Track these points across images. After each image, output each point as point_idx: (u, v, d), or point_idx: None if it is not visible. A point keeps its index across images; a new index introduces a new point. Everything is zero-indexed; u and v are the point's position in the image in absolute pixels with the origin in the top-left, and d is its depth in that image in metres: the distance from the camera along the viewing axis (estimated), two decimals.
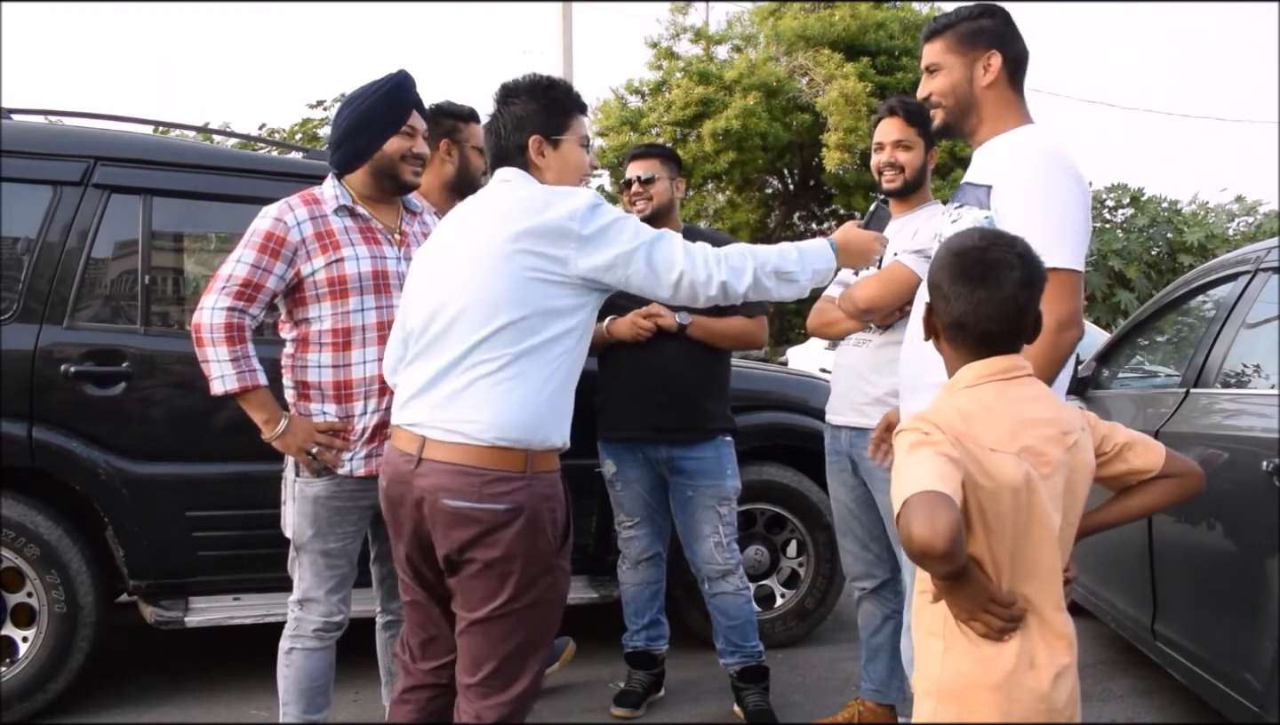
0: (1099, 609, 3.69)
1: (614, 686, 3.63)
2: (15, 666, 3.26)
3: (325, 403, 2.57)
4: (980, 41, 2.27)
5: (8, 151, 3.28)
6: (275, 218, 2.55)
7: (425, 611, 2.26)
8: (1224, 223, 12.46)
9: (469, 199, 2.30)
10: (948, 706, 1.61)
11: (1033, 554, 1.60)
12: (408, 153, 2.63)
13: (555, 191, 2.16)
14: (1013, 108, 2.29)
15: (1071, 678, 1.63)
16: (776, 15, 18.19)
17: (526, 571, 2.06)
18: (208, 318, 2.47)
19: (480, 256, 2.08)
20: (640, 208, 3.33)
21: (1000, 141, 2.28)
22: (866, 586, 3.16)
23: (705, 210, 18.30)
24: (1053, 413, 1.66)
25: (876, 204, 2.50)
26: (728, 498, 3.35)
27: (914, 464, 1.51)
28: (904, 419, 2.27)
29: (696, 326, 3.26)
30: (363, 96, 2.62)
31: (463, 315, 2.07)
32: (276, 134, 8.57)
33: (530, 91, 2.26)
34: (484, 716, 2.11)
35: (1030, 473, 1.58)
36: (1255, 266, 3.09)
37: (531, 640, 2.13)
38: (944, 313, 1.68)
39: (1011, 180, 2.15)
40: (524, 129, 2.23)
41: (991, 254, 1.65)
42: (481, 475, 2.03)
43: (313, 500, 2.58)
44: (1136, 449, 1.76)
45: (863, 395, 3.02)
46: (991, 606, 1.56)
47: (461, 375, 2.07)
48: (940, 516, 1.40)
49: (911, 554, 1.44)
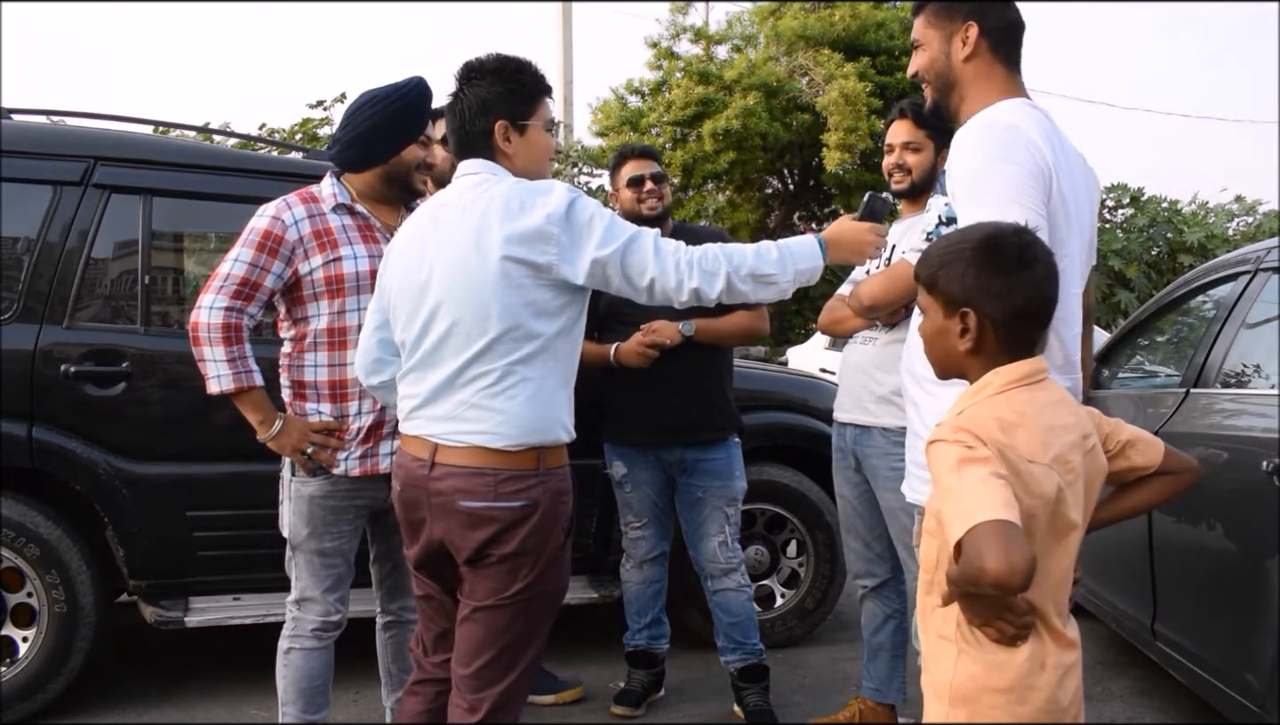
0: (1099, 609, 3.69)
1: (614, 686, 3.62)
2: (15, 666, 3.26)
3: (321, 402, 2.58)
4: (958, 13, 2.10)
5: (8, 151, 3.28)
6: (273, 216, 2.54)
7: (439, 605, 2.26)
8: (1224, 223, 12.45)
9: (439, 197, 2.22)
10: (959, 710, 1.60)
11: (1049, 561, 1.59)
12: (422, 162, 2.64)
13: (529, 189, 2.11)
14: (998, 82, 2.09)
15: (1076, 676, 1.63)
16: (776, 15, 18.16)
17: (538, 564, 2.09)
18: (205, 317, 2.47)
19: (466, 268, 2.06)
20: (652, 206, 3.34)
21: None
22: (868, 584, 3.17)
23: (705, 210, 18.28)
24: (1073, 417, 1.65)
25: (869, 195, 2.39)
26: (735, 498, 3.36)
27: (970, 485, 1.45)
28: (913, 413, 2.25)
29: (702, 332, 3.25)
30: (386, 100, 2.58)
31: (455, 330, 2.07)
32: (276, 134, 8.56)
33: (497, 73, 2.19)
34: (477, 708, 2.11)
35: (1060, 483, 1.57)
36: (1255, 266, 3.09)
37: (530, 630, 2.15)
38: (1000, 310, 1.60)
39: (952, 167, 2.02)
40: (490, 113, 2.17)
41: (1024, 236, 1.64)
42: (496, 475, 2.05)
43: (308, 500, 2.58)
44: (1138, 447, 1.75)
45: (868, 393, 3.02)
46: (1006, 614, 1.54)
47: (462, 389, 2.08)
48: (1017, 552, 1.35)
49: (978, 584, 1.40)
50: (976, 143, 1.97)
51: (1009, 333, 1.62)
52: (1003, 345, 1.63)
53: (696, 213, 17.79)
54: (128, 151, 3.46)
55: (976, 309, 1.62)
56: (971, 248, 1.63)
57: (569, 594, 3.81)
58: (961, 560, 1.40)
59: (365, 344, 2.32)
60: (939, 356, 1.71)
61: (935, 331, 1.68)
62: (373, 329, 2.31)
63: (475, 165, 2.19)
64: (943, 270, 1.65)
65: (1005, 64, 2.10)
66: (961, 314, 1.63)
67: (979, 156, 1.95)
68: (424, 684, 2.32)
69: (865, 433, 3.02)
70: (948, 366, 1.71)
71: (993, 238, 1.63)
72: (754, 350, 11.62)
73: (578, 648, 4.04)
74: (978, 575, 1.37)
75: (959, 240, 1.68)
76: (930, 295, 1.68)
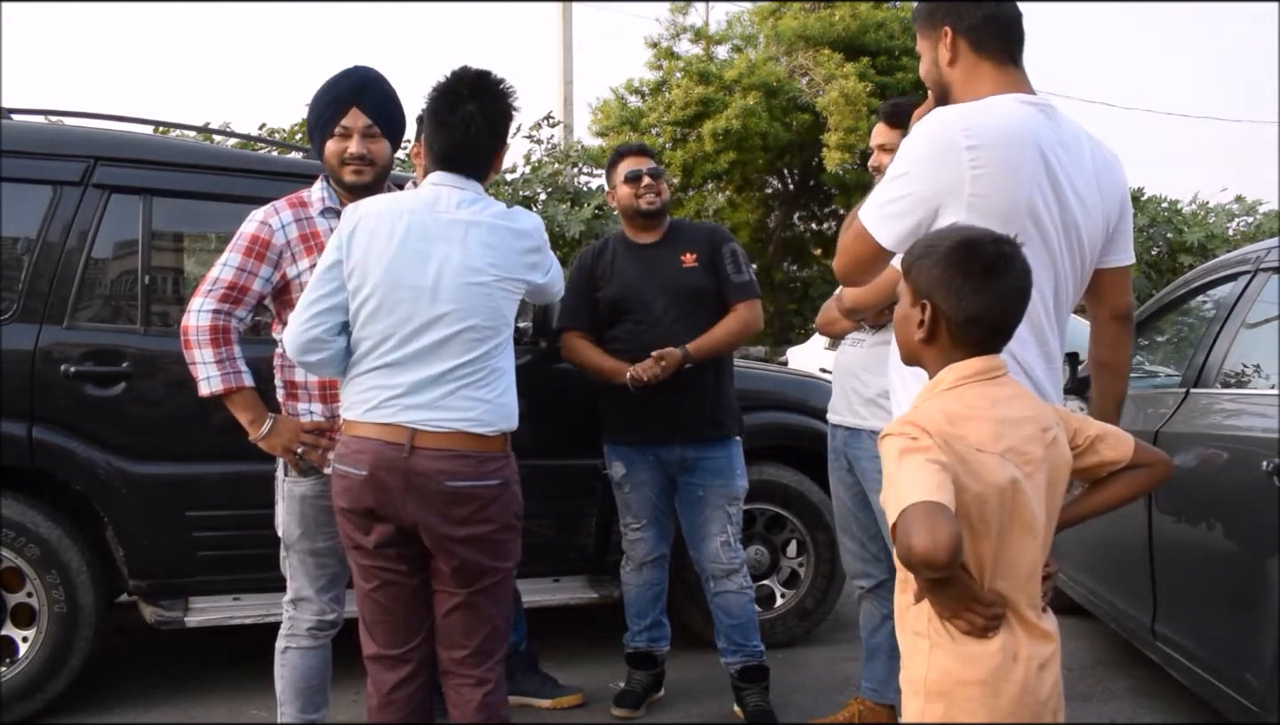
0: (1099, 609, 3.69)
1: (614, 686, 3.62)
2: (15, 666, 3.26)
3: (312, 402, 2.60)
4: (935, 19, 2.08)
5: (8, 151, 3.28)
6: (260, 221, 2.58)
7: (398, 591, 2.31)
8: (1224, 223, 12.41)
9: (434, 202, 2.24)
10: (934, 705, 1.62)
11: (1013, 552, 1.62)
12: (345, 156, 2.60)
13: (514, 214, 2.32)
14: (984, 81, 2.02)
15: (1054, 668, 1.65)
16: (776, 15, 18.18)
17: (510, 536, 2.30)
18: (194, 320, 2.51)
19: (484, 283, 2.22)
20: (650, 201, 3.34)
21: None
22: (865, 585, 3.17)
23: (705, 210, 18.29)
24: (1032, 411, 1.68)
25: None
26: (737, 497, 3.36)
27: (907, 472, 1.51)
28: (898, 412, 2.26)
29: (700, 351, 3.23)
30: (313, 98, 2.65)
31: (463, 335, 2.21)
32: (276, 134, 8.56)
33: (508, 94, 2.30)
34: (487, 679, 2.28)
35: (1016, 474, 1.60)
36: (1255, 266, 3.09)
37: (508, 597, 2.37)
38: (956, 310, 1.65)
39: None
40: (499, 134, 2.31)
41: (1003, 247, 1.66)
42: (478, 456, 2.22)
43: (300, 499, 2.59)
44: (1108, 441, 1.77)
45: (856, 395, 3.05)
46: (974, 605, 1.58)
47: (451, 382, 2.21)
48: (941, 529, 1.41)
49: (910, 564, 1.46)
50: (904, 142, 1.97)
51: (963, 333, 1.67)
52: (955, 343, 1.69)
53: (696, 212, 17.80)
54: (128, 151, 3.46)
55: (935, 304, 1.68)
56: (948, 246, 1.68)
57: (569, 594, 3.87)
58: (895, 543, 1.46)
59: (304, 325, 2.25)
60: (901, 341, 1.79)
61: (901, 317, 1.76)
62: (319, 312, 2.24)
63: (462, 182, 2.28)
64: (918, 261, 1.71)
65: (992, 60, 2.03)
66: (922, 305, 1.69)
67: (904, 146, 1.95)
68: (401, 685, 2.35)
69: (855, 435, 3.04)
70: (907, 353, 1.78)
71: (970, 242, 1.68)
72: (754, 350, 11.64)
73: (578, 648, 4.05)
74: (906, 554, 1.44)
75: (941, 236, 1.73)
76: (905, 280, 1.75)
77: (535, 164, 9.28)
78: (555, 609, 3.86)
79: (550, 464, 3.65)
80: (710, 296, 3.32)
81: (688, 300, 3.30)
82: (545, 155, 9.43)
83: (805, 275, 19.72)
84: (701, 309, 3.30)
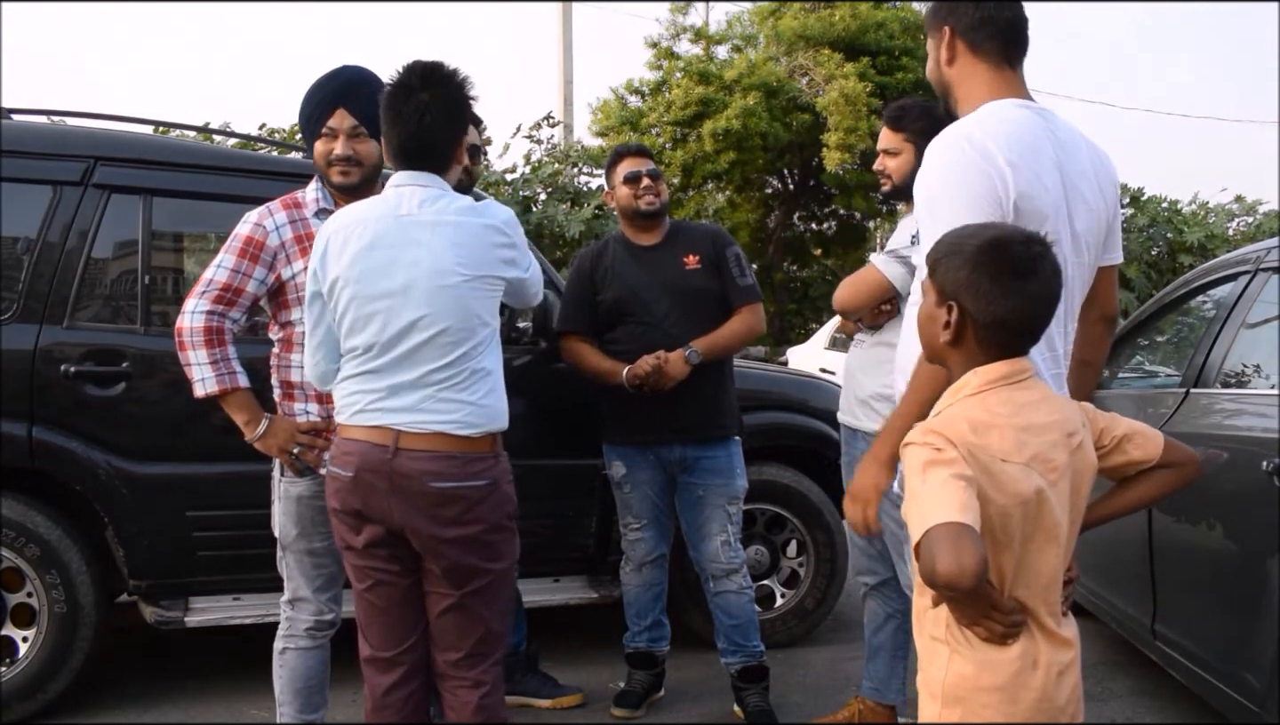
0: (1099, 609, 3.69)
1: (614, 686, 3.62)
2: (15, 666, 3.26)
3: (308, 402, 2.61)
4: (936, 20, 2.08)
5: (8, 151, 3.28)
6: (254, 223, 2.59)
7: (391, 590, 2.29)
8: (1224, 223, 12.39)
9: (397, 205, 2.22)
10: (952, 709, 1.60)
11: (1035, 561, 1.59)
12: (331, 157, 2.59)
13: (484, 208, 2.27)
14: (981, 83, 2.03)
15: (1073, 675, 1.63)
16: (776, 15, 18.16)
17: (502, 537, 2.27)
18: (188, 322, 2.52)
19: (454, 285, 2.18)
20: (649, 201, 3.34)
21: None
22: (869, 582, 3.18)
23: (705, 210, 18.28)
24: (1057, 414, 1.65)
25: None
26: (737, 497, 3.36)
27: (931, 489, 1.47)
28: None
29: (707, 350, 3.23)
30: (301, 101, 2.65)
31: (439, 338, 2.18)
32: (276, 134, 8.55)
33: (459, 82, 2.25)
34: (483, 681, 2.26)
35: (1040, 483, 1.57)
36: (1255, 266, 3.09)
37: (506, 597, 2.34)
38: (984, 312, 1.61)
39: (918, 183, 1.97)
40: (457, 122, 2.26)
41: (1033, 247, 1.62)
42: (464, 457, 2.19)
43: (296, 500, 2.59)
44: (1135, 440, 1.74)
45: (853, 396, 3.10)
46: (994, 613, 1.56)
47: (432, 386, 2.19)
48: (966, 553, 1.38)
49: (933, 586, 1.43)
50: (932, 162, 1.93)
51: (990, 335, 1.63)
52: (981, 346, 1.64)
53: (696, 212, 17.79)
54: (128, 151, 3.46)
55: (962, 305, 1.63)
56: (976, 246, 1.63)
57: (569, 594, 3.86)
58: (919, 562, 1.43)
59: (311, 361, 2.34)
60: (926, 341, 1.74)
61: (926, 316, 1.72)
62: (316, 347, 2.31)
63: (424, 179, 2.24)
64: (944, 259, 1.66)
65: (990, 62, 2.03)
66: (948, 306, 1.65)
67: (934, 178, 1.92)
68: (397, 687, 2.34)
69: (853, 435, 3.08)
70: (931, 353, 1.74)
71: (999, 241, 1.63)
72: (754, 350, 11.62)
73: (578, 648, 4.05)
74: (930, 577, 1.41)
75: (969, 234, 1.68)
76: (930, 279, 1.70)
77: (535, 164, 9.28)
78: (555, 609, 3.86)
79: (550, 464, 3.66)
80: (712, 298, 3.32)
81: (690, 302, 3.30)
82: (545, 155, 9.43)
83: (805, 275, 19.71)
84: (703, 311, 3.30)
